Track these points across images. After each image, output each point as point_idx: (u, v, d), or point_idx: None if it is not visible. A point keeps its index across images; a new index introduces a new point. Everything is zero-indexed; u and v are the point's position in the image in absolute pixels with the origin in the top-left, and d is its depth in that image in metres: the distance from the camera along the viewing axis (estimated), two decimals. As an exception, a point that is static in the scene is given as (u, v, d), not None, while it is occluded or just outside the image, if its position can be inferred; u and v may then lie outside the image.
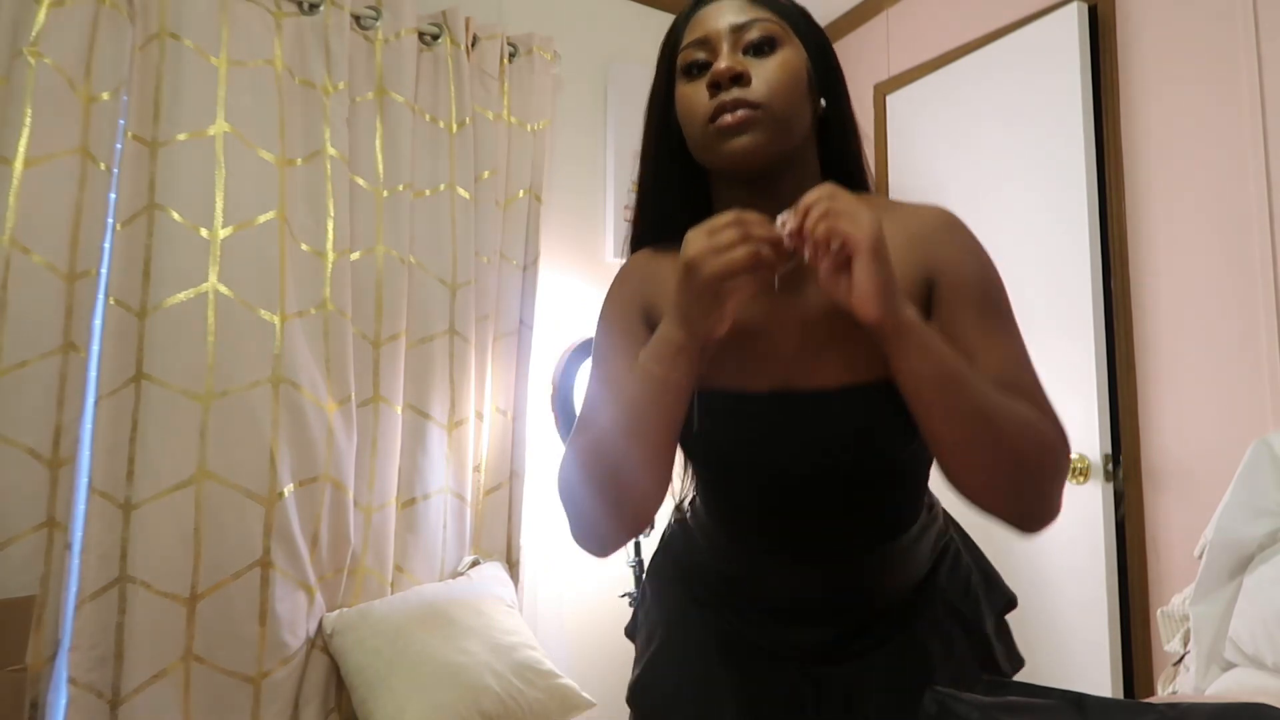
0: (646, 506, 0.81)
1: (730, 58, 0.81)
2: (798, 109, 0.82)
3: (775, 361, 0.83)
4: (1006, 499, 0.77)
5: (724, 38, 0.82)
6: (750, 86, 0.80)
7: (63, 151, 1.76)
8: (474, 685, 1.84)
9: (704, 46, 0.83)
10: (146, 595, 1.77)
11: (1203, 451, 1.93)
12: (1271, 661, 1.48)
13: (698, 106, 0.82)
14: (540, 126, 2.45)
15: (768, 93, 0.80)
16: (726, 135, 0.80)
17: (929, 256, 0.82)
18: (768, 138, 0.80)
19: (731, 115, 0.79)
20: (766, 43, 0.82)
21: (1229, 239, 1.90)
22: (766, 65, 0.81)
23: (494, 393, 2.33)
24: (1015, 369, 0.81)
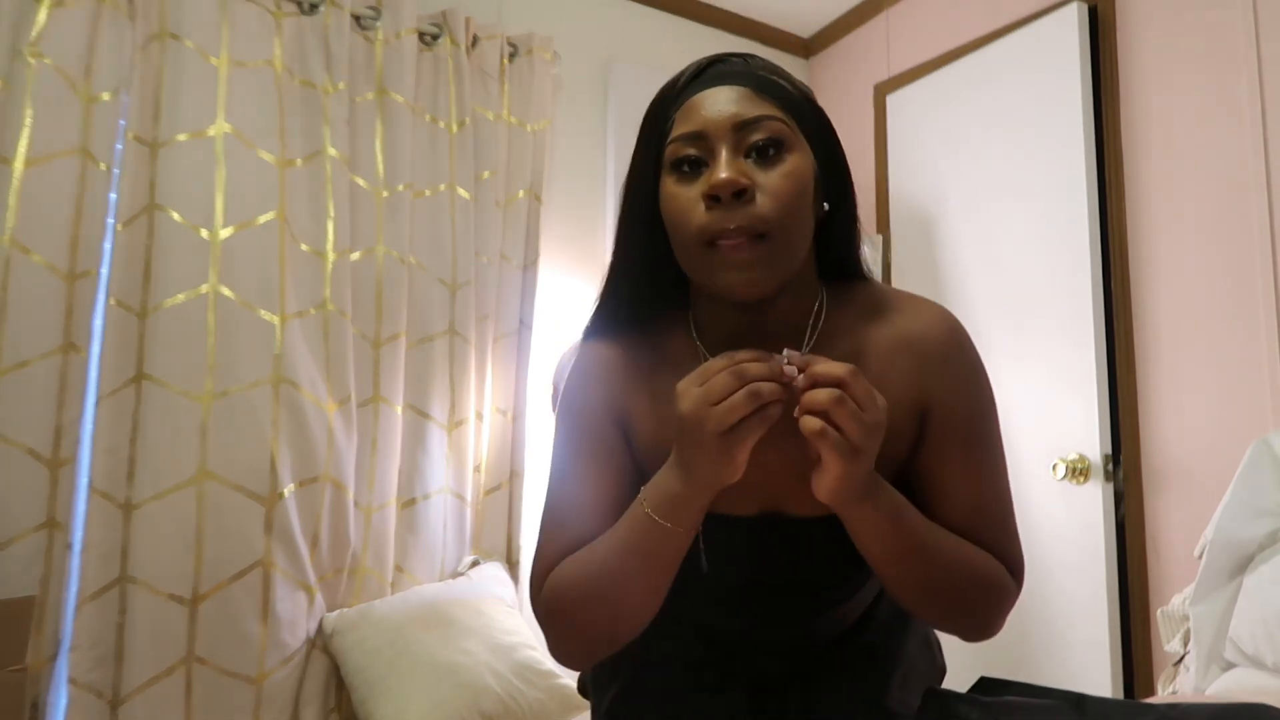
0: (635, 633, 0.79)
1: (732, 166, 0.70)
2: (804, 226, 0.74)
3: (763, 485, 0.79)
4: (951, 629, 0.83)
5: (724, 136, 0.71)
6: (754, 204, 0.70)
7: (63, 151, 1.76)
8: (474, 685, 1.84)
9: (699, 142, 0.72)
10: (147, 595, 1.77)
11: (1203, 451, 1.93)
12: (1271, 661, 1.49)
13: (691, 218, 0.71)
14: (540, 127, 2.45)
15: (775, 211, 0.70)
16: (726, 266, 0.71)
17: (926, 383, 0.80)
18: (773, 270, 0.71)
19: (733, 244, 0.70)
20: (773, 145, 0.72)
21: (1229, 239, 1.90)
22: (772, 177, 0.71)
23: (494, 393, 2.33)
24: (986, 505, 0.81)
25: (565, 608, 0.78)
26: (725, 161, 0.70)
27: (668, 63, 2.81)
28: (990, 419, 0.82)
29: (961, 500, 0.80)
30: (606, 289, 0.84)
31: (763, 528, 0.80)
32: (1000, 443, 0.83)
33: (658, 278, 0.81)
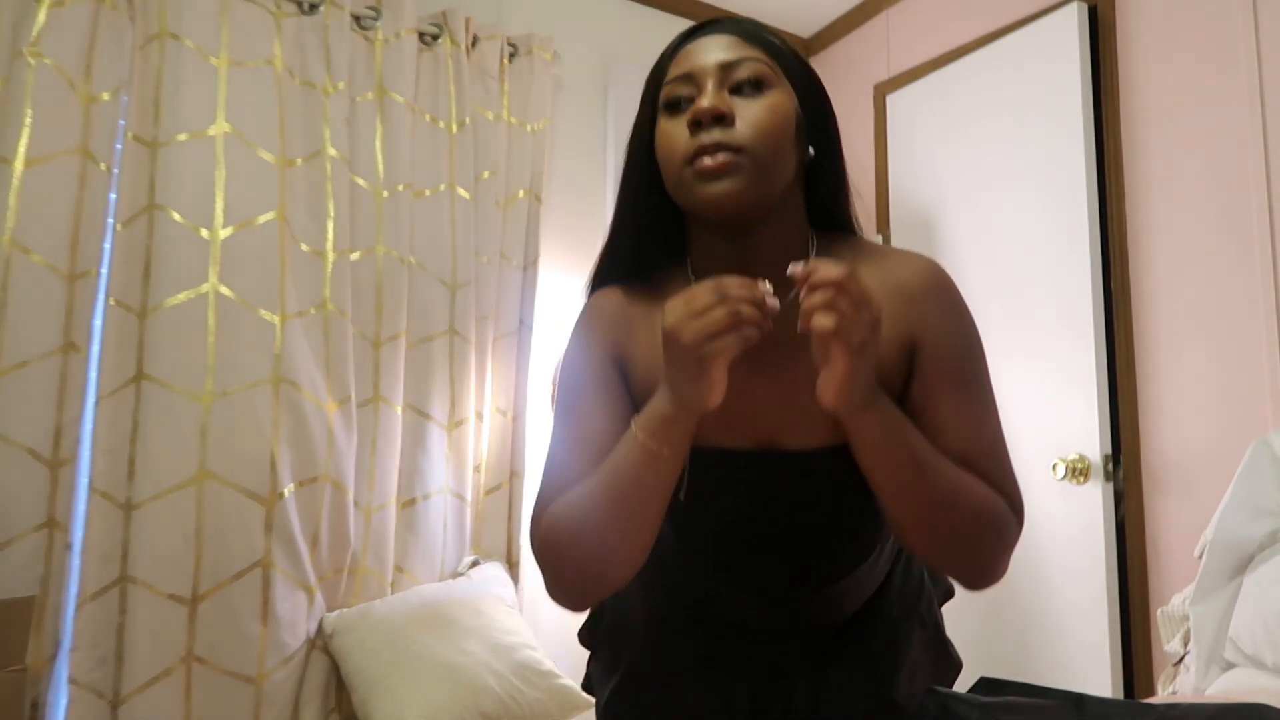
0: (629, 571, 0.79)
1: (715, 96, 0.76)
2: (782, 156, 0.78)
3: (758, 419, 0.81)
4: (955, 568, 0.80)
5: (710, 75, 0.78)
6: (733, 128, 0.76)
7: (63, 151, 1.76)
8: (474, 685, 1.84)
9: (689, 82, 0.79)
10: (147, 595, 1.77)
11: (1203, 451, 1.93)
12: (1271, 661, 1.49)
13: (677, 145, 0.78)
14: (540, 126, 2.45)
15: (751, 136, 0.76)
16: (705, 179, 0.76)
17: (915, 320, 0.81)
18: (748, 185, 0.76)
19: (711, 159, 0.75)
20: (754, 83, 0.78)
21: (1229, 239, 1.90)
22: (752, 107, 0.77)
23: (494, 393, 2.33)
24: (983, 441, 0.81)
25: (560, 540, 0.79)
26: (709, 93, 0.77)
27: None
28: (980, 358, 0.84)
29: (957, 436, 0.79)
30: (609, 240, 0.88)
31: (757, 461, 0.81)
32: (990, 385, 0.84)
33: (657, 222, 0.85)
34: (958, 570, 0.80)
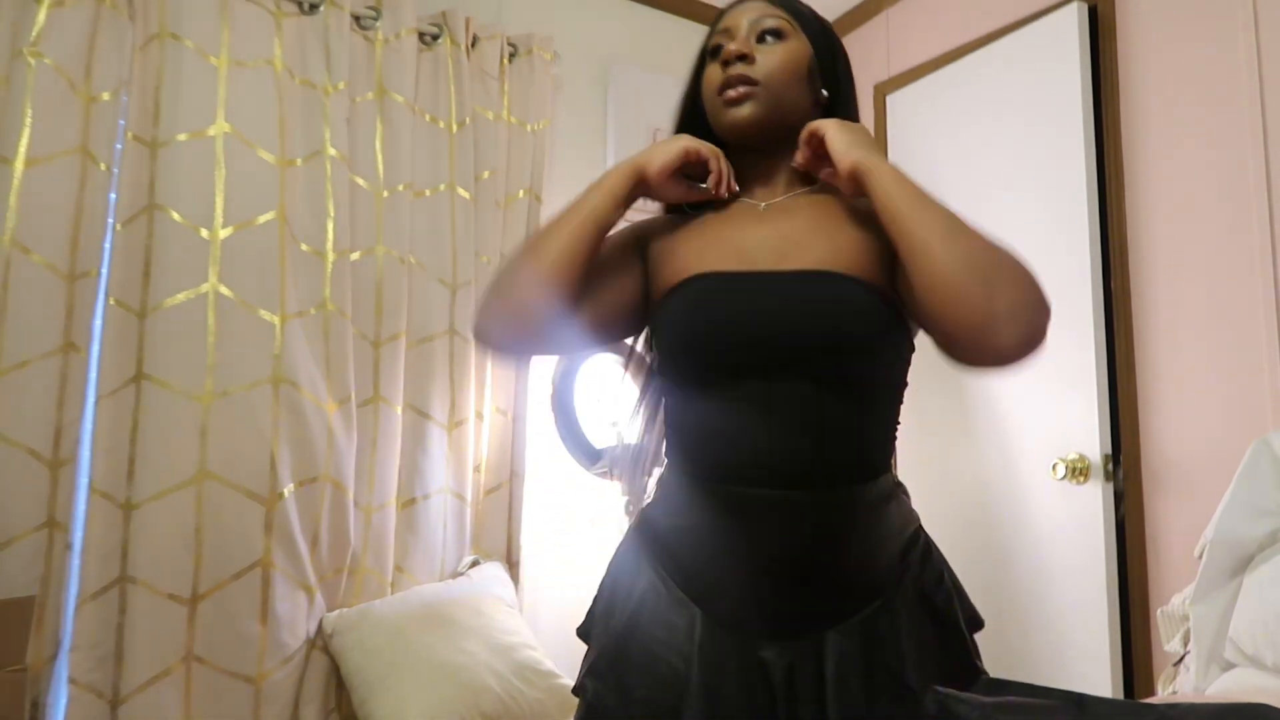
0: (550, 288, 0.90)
1: (742, 43, 0.96)
2: (794, 91, 0.97)
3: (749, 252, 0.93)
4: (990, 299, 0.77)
5: (742, 28, 0.98)
6: (754, 64, 0.95)
7: (63, 151, 1.76)
8: (474, 685, 1.84)
9: (726, 34, 0.99)
10: (147, 595, 1.77)
11: (1203, 451, 1.93)
12: (1271, 661, 1.49)
13: (712, 80, 0.99)
14: (540, 126, 2.45)
15: (766, 72, 0.95)
16: (729, 105, 0.96)
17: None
18: (762, 110, 0.95)
19: (734, 90, 0.95)
20: (774, 33, 0.97)
21: (1229, 238, 1.90)
22: (771, 50, 0.96)
23: (494, 393, 2.33)
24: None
25: (504, 268, 0.94)
26: (738, 40, 0.97)
27: (668, 63, 2.81)
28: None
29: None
30: None
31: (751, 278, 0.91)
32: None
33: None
34: (1004, 320, 0.77)
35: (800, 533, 0.86)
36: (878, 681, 0.86)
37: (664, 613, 0.91)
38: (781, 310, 0.87)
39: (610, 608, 0.97)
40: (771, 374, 0.86)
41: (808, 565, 0.87)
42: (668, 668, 0.88)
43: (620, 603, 0.95)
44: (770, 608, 0.88)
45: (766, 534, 0.87)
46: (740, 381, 0.88)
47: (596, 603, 1.01)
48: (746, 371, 0.87)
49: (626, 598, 0.95)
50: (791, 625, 0.87)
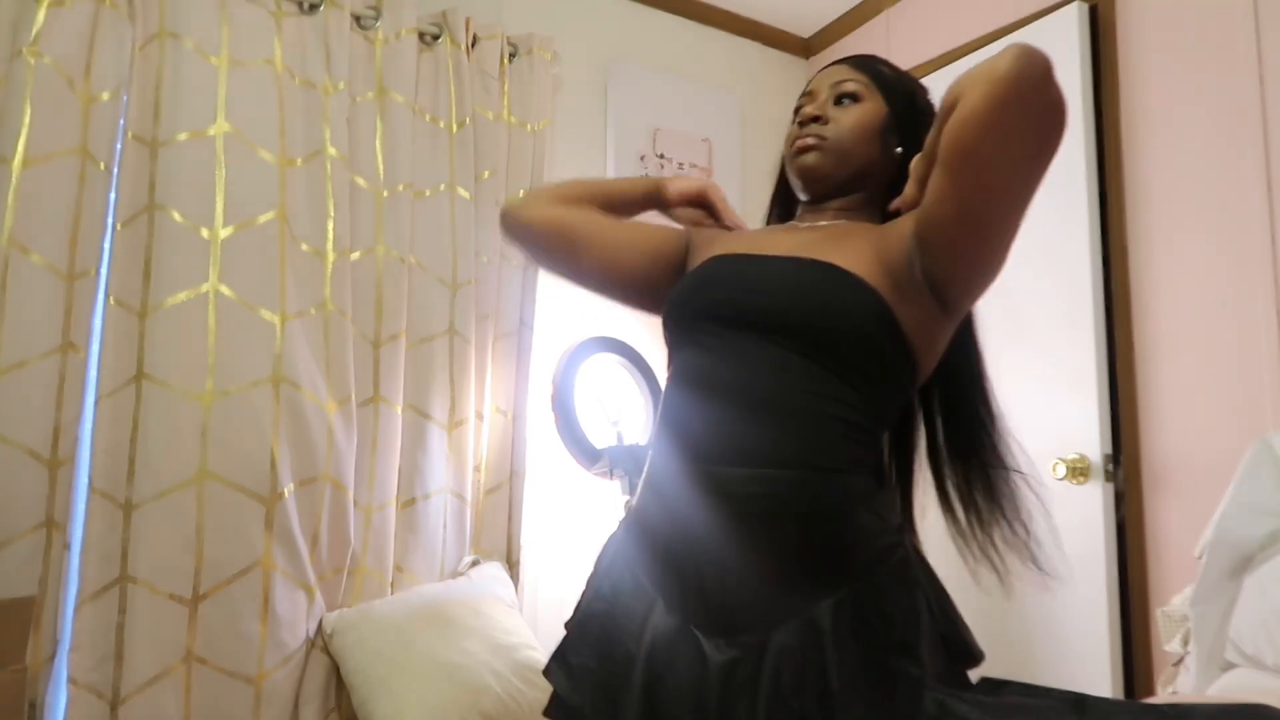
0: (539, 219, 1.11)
1: (819, 106, 1.05)
2: (862, 147, 1.03)
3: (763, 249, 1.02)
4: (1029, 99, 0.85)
5: (823, 92, 1.07)
6: (826, 125, 1.04)
7: (62, 151, 1.76)
8: (474, 685, 1.84)
9: (810, 98, 1.08)
10: (147, 595, 1.77)
11: (1203, 451, 1.93)
12: (1271, 661, 1.48)
13: (790, 137, 1.08)
14: (540, 126, 2.45)
15: (836, 131, 1.03)
16: (796, 155, 1.05)
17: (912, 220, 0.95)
18: (825, 161, 1.03)
19: (802, 140, 1.04)
20: (850, 96, 1.05)
21: (1229, 239, 1.90)
22: (847, 113, 1.04)
23: (494, 393, 2.33)
24: None
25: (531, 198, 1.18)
26: (816, 103, 1.06)
27: (668, 63, 2.81)
28: None
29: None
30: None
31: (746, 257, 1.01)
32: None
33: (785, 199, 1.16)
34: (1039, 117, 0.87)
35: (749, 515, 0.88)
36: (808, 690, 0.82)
37: (626, 600, 0.96)
38: (761, 279, 0.96)
39: (589, 599, 1.03)
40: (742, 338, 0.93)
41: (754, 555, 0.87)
42: (622, 651, 0.93)
43: (595, 593, 1.02)
44: (716, 602, 0.88)
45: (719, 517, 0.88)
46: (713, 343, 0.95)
47: (581, 597, 1.06)
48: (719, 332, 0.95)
49: (598, 588, 1.02)
50: (736, 621, 0.87)
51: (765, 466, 0.88)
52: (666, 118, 2.77)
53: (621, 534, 1.03)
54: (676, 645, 0.89)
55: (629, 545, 1.00)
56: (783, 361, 0.90)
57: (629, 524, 1.02)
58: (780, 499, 0.87)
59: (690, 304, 1.00)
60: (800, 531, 0.87)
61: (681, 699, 0.87)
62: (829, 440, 0.89)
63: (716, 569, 0.88)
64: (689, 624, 0.89)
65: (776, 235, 1.06)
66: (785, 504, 0.87)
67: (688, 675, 0.87)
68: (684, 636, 0.89)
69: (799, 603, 0.85)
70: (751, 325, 0.93)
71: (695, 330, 0.98)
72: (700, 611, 0.89)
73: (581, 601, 1.04)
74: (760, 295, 0.95)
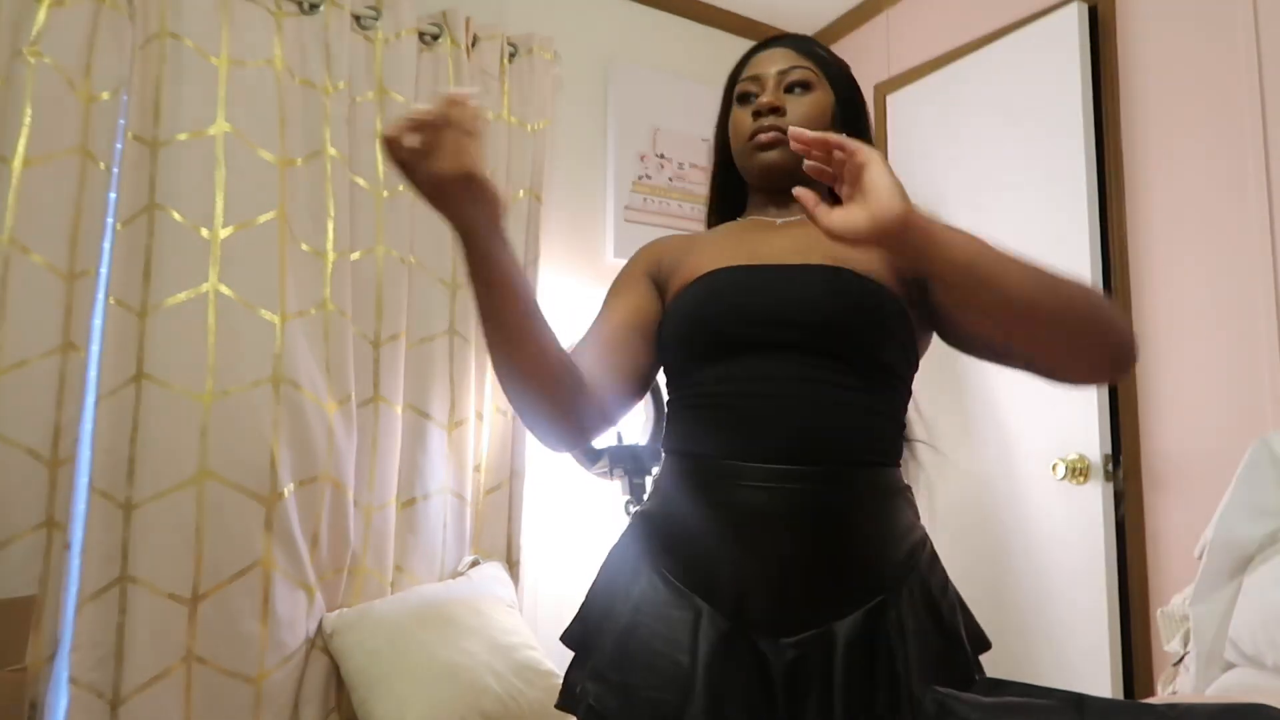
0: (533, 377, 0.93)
1: (773, 94, 1.03)
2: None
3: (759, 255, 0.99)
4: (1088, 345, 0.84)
5: (770, 78, 1.04)
6: (784, 116, 1.01)
7: (63, 151, 1.76)
8: (474, 685, 1.84)
9: (755, 82, 1.06)
10: (147, 595, 1.77)
11: (1203, 451, 1.93)
12: (1271, 661, 1.48)
13: (743, 127, 1.05)
14: (540, 126, 2.45)
15: (795, 123, 1.00)
16: (759, 149, 1.02)
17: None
18: (790, 155, 0.98)
19: (765, 135, 1.01)
20: (802, 85, 1.04)
21: (1229, 239, 1.90)
22: (799, 102, 1.03)
23: (494, 393, 2.33)
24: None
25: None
26: (769, 91, 1.04)
27: (668, 63, 2.81)
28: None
29: None
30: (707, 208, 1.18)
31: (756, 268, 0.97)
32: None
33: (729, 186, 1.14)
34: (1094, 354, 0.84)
35: (803, 510, 0.86)
36: (879, 682, 0.85)
37: (665, 609, 0.90)
38: (787, 289, 0.93)
39: (608, 610, 0.95)
40: (774, 350, 0.91)
41: (811, 548, 0.86)
42: (672, 665, 0.87)
43: (619, 604, 0.94)
44: (773, 599, 0.87)
45: (768, 512, 0.86)
46: (743, 358, 0.92)
47: (589, 608, 0.99)
48: (749, 348, 0.92)
49: (625, 598, 0.94)
50: (796, 618, 0.86)
51: (818, 464, 0.87)
52: (666, 118, 2.77)
53: (637, 546, 0.98)
54: (734, 651, 0.87)
55: (652, 556, 0.95)
56: (820, 369, 0.90)
57: (646, 536, 0.97)
58: (834, 495, 0.88)
59: (710, 321, 0.95)
60: (853, 526, 0.88)
61: (746, 704, 0.85)
62: (875, 437, 0.92)
63: (775, 570, 0.87)
64: (745, 625, 0.87)
65: (765, 237, 1.02)
66: (839, 500, 0.88)
67: (749, 678, 0.86)
68: (741, 640, 0.87)
69: (858, 595, 0.87)
70: (785, 338, 0.91)
71: (718, 347, 0.93)
72: (759, 613, 0.87)
73: (593, 618, 0.98)
74: (783, 310, 0.92)
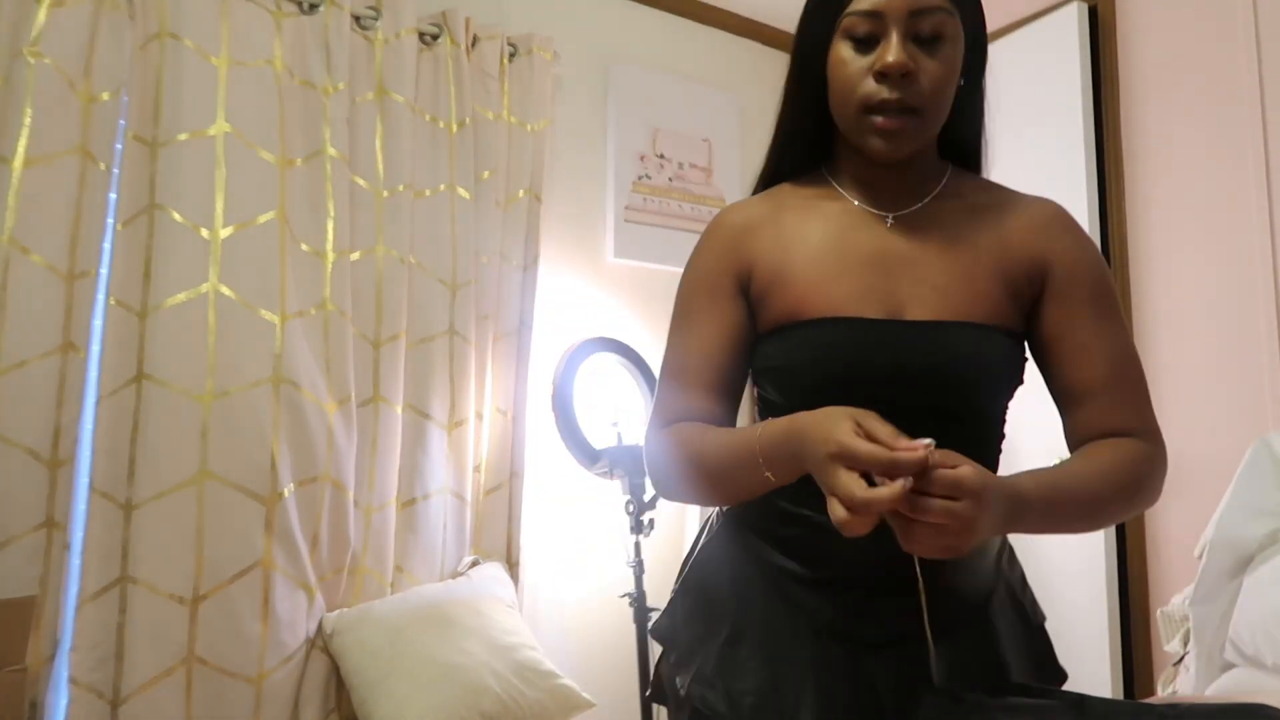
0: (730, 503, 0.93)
1: (900, 50, 0.80)
2: (949, 105, 0.86)
3: (888, 292, 0.85)
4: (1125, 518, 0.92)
5: (898, 20, 0.81)
6: (915, 84, 0.81)
7: (63, 151, 1.76)
8: (474, 685, 1.84)
9: (875, 19, 0.82)
10: (147, 595, 1.77)
11: (1203, 451, 1.93)
12: (1271, 661, 1.48)
13: (856, 84, 0.83)
14: (540, 126, 2.45)
15: (931, 94, 0.82)
16: (879, 133, 0.83)
17: (1043, 247, 0.87)
18: (916, 141, 0.85)
19: (890, 120, 0.82)
20: (937, 36, 0.82)
21: (1229, 239, 1.90)
22: (933, 63, 0.82)
23: (494, 393, 2.33)
24: (1123, 364, 0.86)
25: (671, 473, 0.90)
26: (896, 45, 0.81)
27: (668, 63, 2.81)
28: (1111, 284, 0.89)
29: (1100, 358, 0.84)
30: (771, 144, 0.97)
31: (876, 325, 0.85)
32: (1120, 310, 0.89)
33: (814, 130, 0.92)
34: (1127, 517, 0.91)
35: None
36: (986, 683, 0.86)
37: (774, 621, 0.89)
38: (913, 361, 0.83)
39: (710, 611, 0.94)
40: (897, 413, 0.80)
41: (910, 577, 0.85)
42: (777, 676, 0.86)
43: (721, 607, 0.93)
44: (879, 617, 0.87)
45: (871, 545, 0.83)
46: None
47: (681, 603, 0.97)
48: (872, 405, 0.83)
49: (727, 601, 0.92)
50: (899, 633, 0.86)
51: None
52: (666, 118, 2.77)
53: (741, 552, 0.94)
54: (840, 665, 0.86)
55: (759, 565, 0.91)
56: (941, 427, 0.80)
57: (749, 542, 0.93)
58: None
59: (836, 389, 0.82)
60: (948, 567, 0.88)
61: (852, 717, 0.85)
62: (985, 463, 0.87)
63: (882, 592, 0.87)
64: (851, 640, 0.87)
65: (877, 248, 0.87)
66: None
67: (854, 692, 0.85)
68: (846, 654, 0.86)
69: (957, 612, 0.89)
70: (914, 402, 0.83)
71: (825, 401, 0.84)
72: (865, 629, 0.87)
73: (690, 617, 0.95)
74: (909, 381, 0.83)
